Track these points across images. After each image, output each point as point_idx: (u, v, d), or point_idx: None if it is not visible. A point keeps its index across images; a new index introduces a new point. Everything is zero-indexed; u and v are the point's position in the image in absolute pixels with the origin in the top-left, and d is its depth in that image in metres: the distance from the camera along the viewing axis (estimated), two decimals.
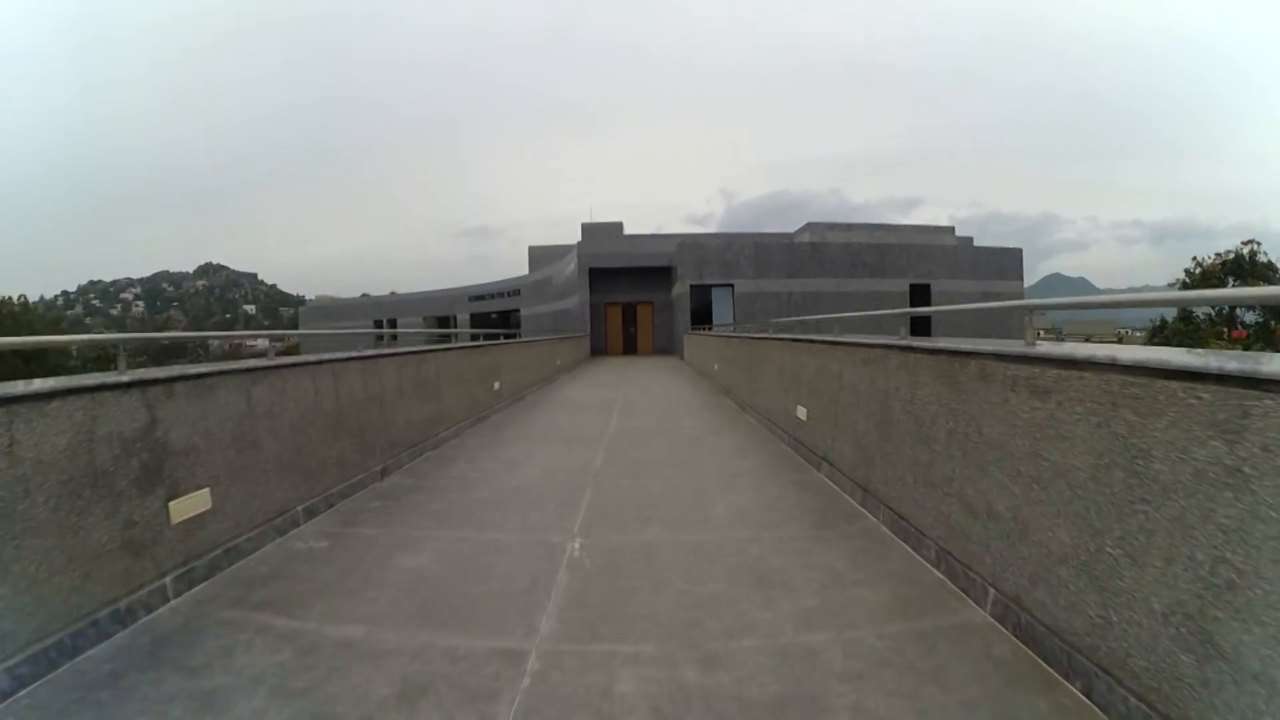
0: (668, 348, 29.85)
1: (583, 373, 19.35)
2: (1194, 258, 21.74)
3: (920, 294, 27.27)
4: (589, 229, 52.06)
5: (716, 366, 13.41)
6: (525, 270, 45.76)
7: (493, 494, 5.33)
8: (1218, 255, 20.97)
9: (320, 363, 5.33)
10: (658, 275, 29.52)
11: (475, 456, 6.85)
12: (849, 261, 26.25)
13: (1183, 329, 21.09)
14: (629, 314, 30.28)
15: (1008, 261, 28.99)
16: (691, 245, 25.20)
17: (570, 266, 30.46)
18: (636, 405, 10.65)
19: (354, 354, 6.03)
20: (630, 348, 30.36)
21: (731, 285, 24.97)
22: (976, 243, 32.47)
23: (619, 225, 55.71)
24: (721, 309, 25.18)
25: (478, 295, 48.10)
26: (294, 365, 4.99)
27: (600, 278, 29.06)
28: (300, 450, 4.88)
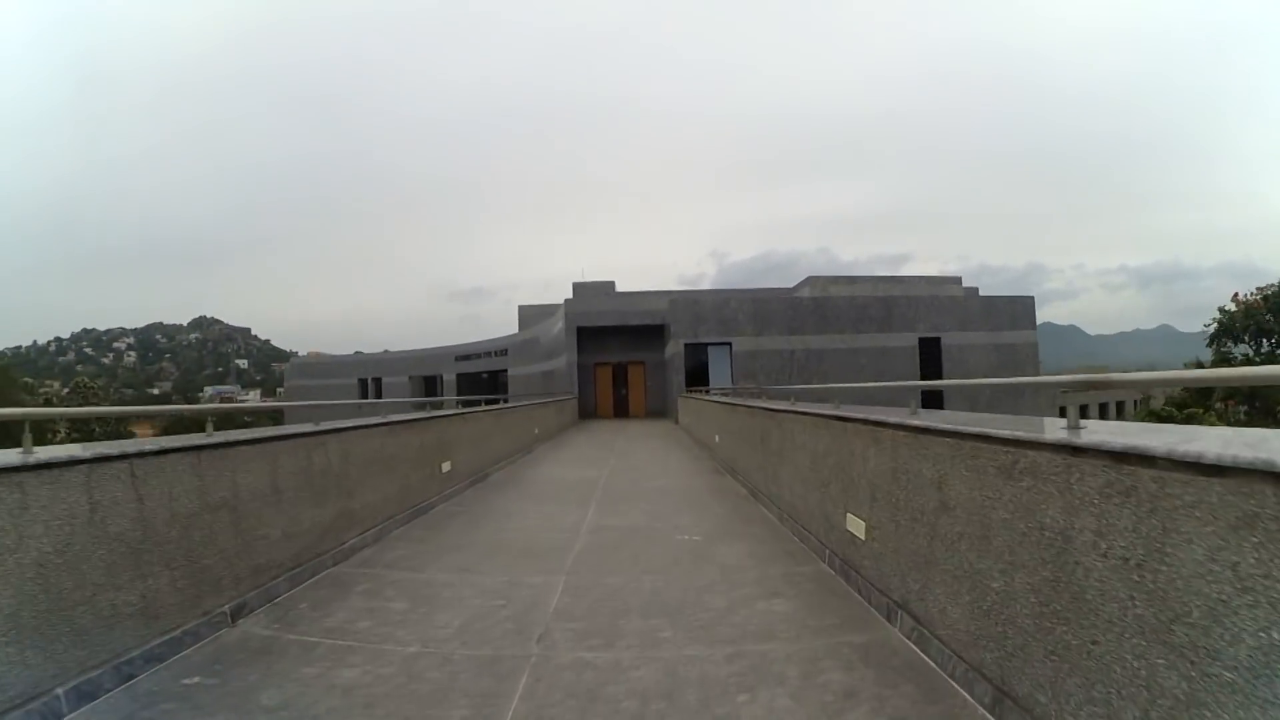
0: (661, 410, 27.83)
1: (567, 441, 17.31)
2: (1234, 295, 20.02)
3: (930, 348, 25.63)
4: (580, 288, 50.79)
5: (718, 438, 11.40)
6: (516, 330, 44.14)
7: (366, 676, 3.24)
8: (1258, 290, 19.31)
9: (107, 459, 3.35)
10: (650, 334, 27.77)
11: (382, 582, 4.78)
12: (854, 316, 24.62)
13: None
14: (620, 374, 28.38)
15: (1019, 310, 27.46)
16: (685, 302, 23.54)
17: (558, 325, 28.72)
18: (622, 490, 8.58)
19: (185, 442, 4.03)
20: (621, 410, 28.32)
21: (729, 344, 23.22)
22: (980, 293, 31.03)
23: (610, 284, 54.54)
24: (719, 369, 23.34)
25: (464, 355, 46.27)
26: (53, 466, 3.05)
27: (589, 337, 27.27)
28: (61, 596, 2.90)
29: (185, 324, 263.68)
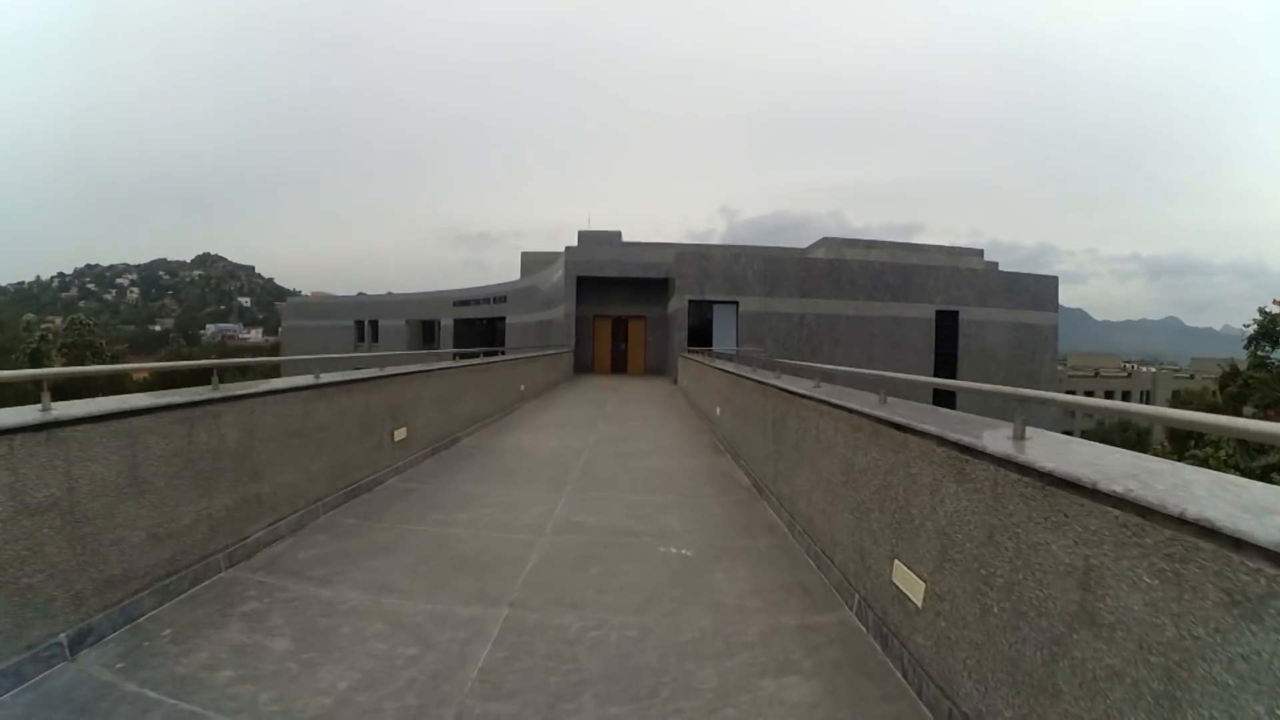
0: (660, 368, 26.67)
1: (556, 399, 16.20)
2: (1275, 300, 18.70)
3: (947, 321, 24.27)
4: (586, 236, 49.17)
5: (719, 411, 10.24)
6: (519, 278, 42.79)
7: None
8: None
9: None
10: (653, 288, 26.39)
11: (275, 600, 3.66)
12: (870, 282, 23.17)
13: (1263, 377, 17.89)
14: (619, 329, 27.10)
15: (1043, 290, 25.96)
16: (693, 256, 22.04)
17: (557, 274, 27.31)
18: (605, 469, 7.44)
19: None
20: (619, 366, 27.14)
21: (736, 303, 21.85)
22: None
23: (617, 234, 52.87)
24: (724, 329, 22.02)
25: (463, 300, 44.95)
26: None
27: (590, 288, 25.88)
28: None
29: (189, 261, 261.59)
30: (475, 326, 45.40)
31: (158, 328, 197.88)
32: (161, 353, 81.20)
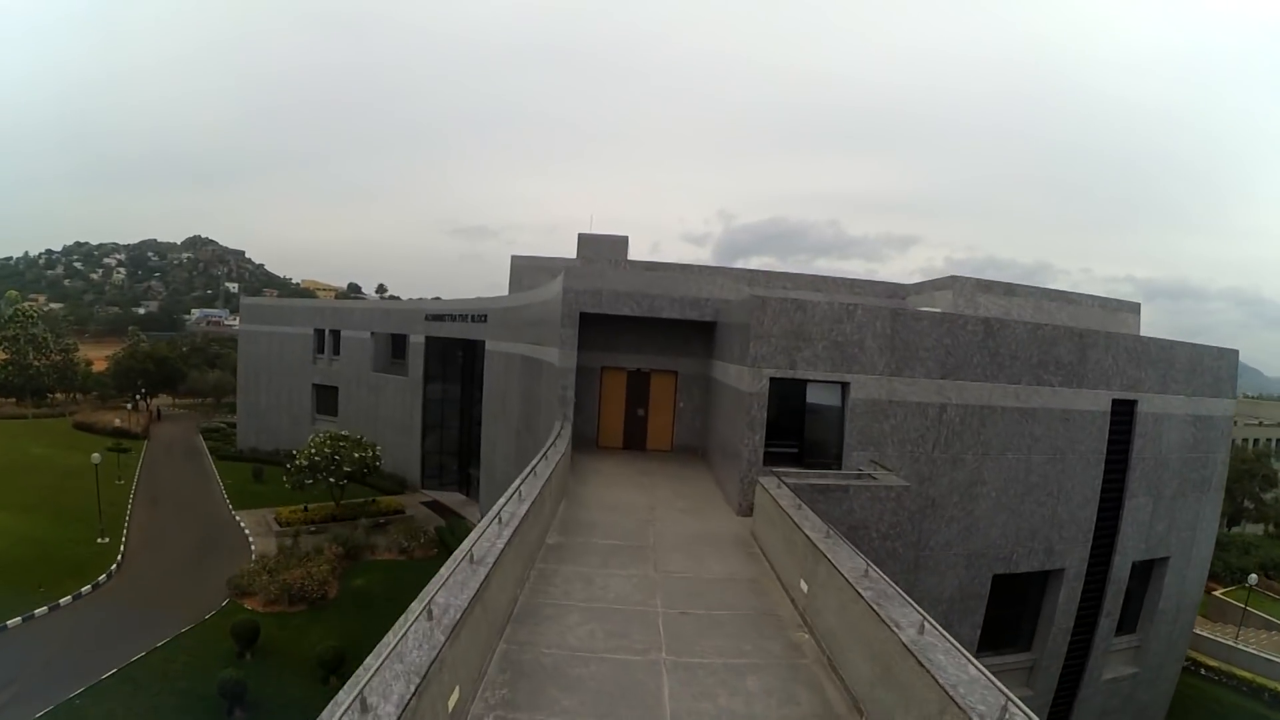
0: (698, 445, 17.90)
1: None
2: None
3: (1123, 416, 15.57)
4: (588, 242, 39.76)
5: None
6: (507, 285, 33.72)
7: None
8: None
9: None
10: (687, 331, 17.56)
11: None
12: (1037, 356, 14.31)
13: None
14: (638, 386, 18.23)
15: (1224, 369, 17.30)
16: (782, 306, 13.00)
17: (550, 300, 18.41)
18: None
19: None
20: (636, 439, 18.27)
21: (846, 384, 13.03)
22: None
23: (624, 240, 43.31)
24: (821, 423, 13.35)
25: (437, 315, 35.92)
26: None
27: (597, 326, 16.97)
28: None
29: (179, 243, 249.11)
30: (450, 349, 36.46)
31: (142, 310, 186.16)
32: (117, 350, 71.07)
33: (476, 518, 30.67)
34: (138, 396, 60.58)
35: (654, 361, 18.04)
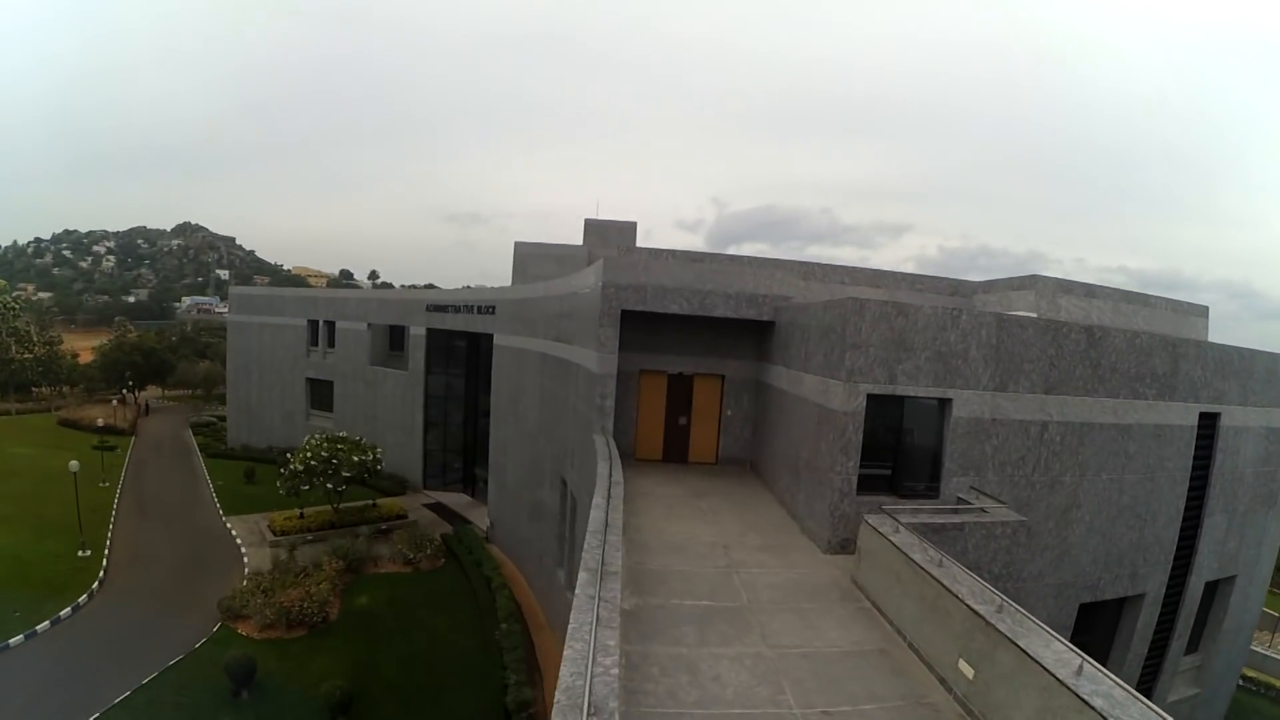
0: (747, 458, 15.88)
1: None
2: None
3: (1206, 431, 14.03)
4: (594, 228, 37.57)
5: None
6: (509, 271, 31.48)
7: None
8: None
9: None
10: (736, 331, 15.46)
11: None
12: (1134, 368, 12.48)
13: None
14: (679, 391, 16.12)
15: None
16: (876, 310, 10.82)
17: (581, 292, 16.22)
18: None
19: None
20: (677, 451, 16.19)
21: (948, 401, 11.04)
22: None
23: (632, 226, 41.13)
24: (915, 444, 11.37)
25: (439, 305, 33.53)
26: None
27: (635, 325, 14.78)
28: None
29: (169, 230, 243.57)
30: (453, 342, 34.15)
31: (131, 299, 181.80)
32: (104, 342, 68.08)
33: (483, 521, 28.60)
34: (125, 390, 57.89)
35: (698, 364, 15.92)
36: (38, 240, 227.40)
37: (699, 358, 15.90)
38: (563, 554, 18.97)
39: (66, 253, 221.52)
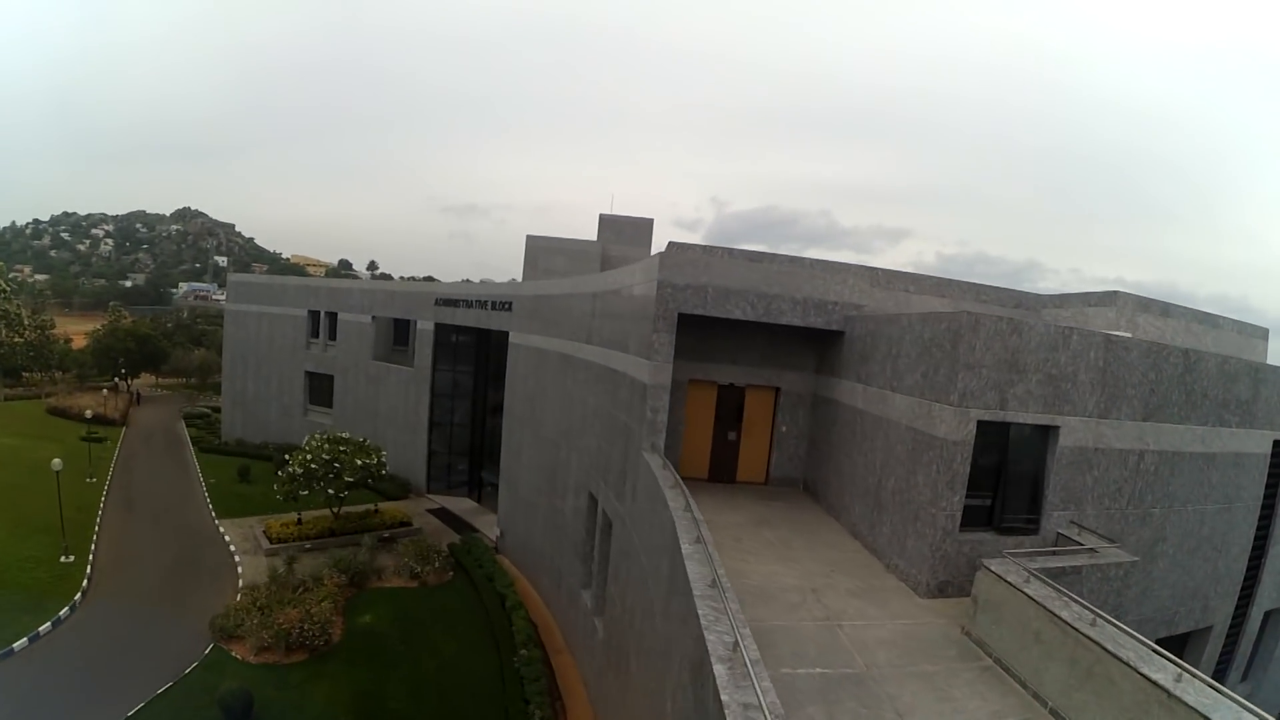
0: (801, 478, 14.28)
1: None
2: None
3: (1277, 459, 13.27)
4: (609, 223, 36.04)
5: None
6: (513, 264, 29.90)
7: None
8: None
9: None
10: (793, 337, 13.83)
11: None
12: (1221, 394, 11.49)
13: None
14: (729, 403, 14.44)
15: None
16: (991, 327, 9.30)
17: (627, 291, 14.50)
18: None
19: None
20: (724, 468, 14.54)
21: (1055, 428, 9.77)
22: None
23: (648, 223, 39.83)
24: (1016, 475, 9.98)
25: (449, 300, 31.73)
26: None
27: (681, 329, 13.03)
28: None
29: (168, 215, 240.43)
30: (462, 340, 32.36)
31: (129, 283, 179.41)
32: (98, 328, 66.05)
33: (491, 529, 26.91)
34: (117, 378, 55.90)
35: (751, 375, 14.27)
36: (36, 222, 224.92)
37: (752, 368, 14.24)
38: (589, 575, 17.33)
39: (65, 235, 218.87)
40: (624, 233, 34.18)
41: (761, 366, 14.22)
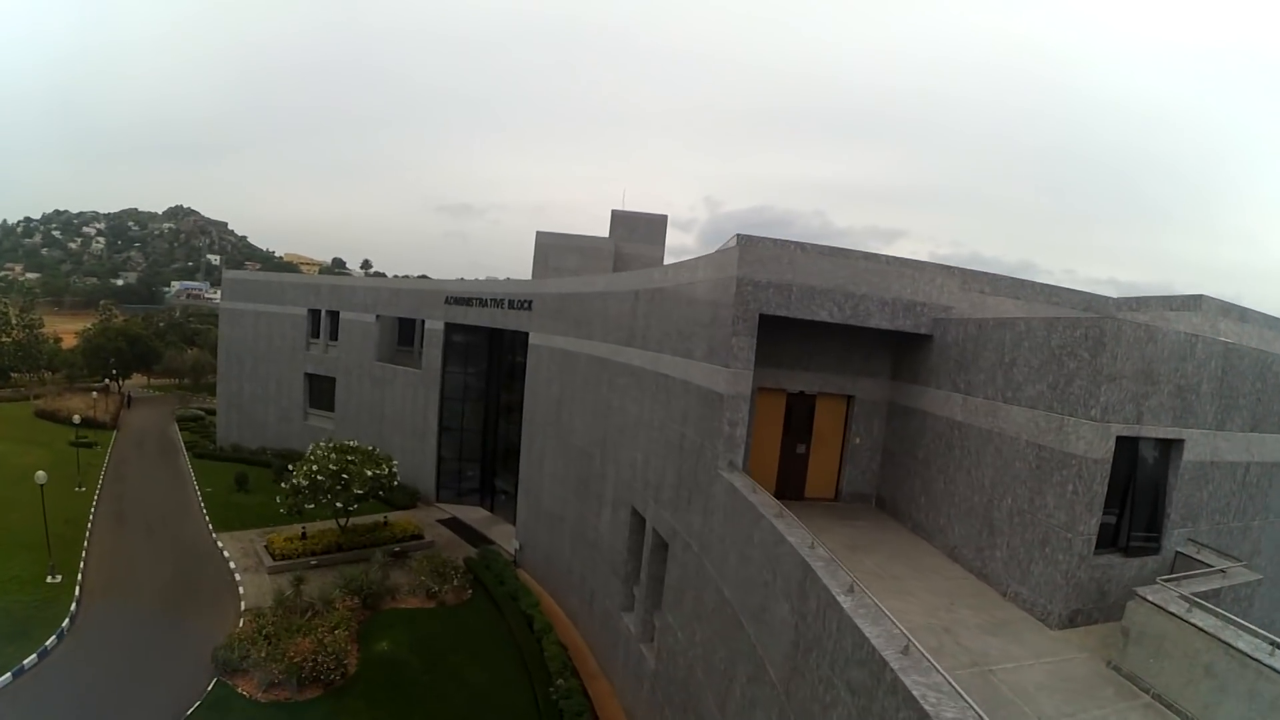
0: (875, 494, 12.80)
1: None
2: None
3: None
4: (622, 220, 34.47)
5: None
6: (509, 263, 28.31)
7: None
8: None
9: None
10: (870, 341, 12.33)
11: None
12: None
13: None
14: (799, 413, 12.91)
15: None
16: (1131, 335, 8.07)
17: (702, 291, 12.89)
18: None
19: None
20: (792, 483, 13.01)
21: (1179, 442, 8.91)
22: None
23: (662, 220, 38.28)
24: (1138, 492, 8.79)
25: (461, 298, 30.03)
26: None
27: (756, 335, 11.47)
28: None
29: (160, 213, 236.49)
30: (476, 340, 30.66)
31: (120, 282, 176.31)
32: (88, 327, 63.75)
33: (508, 541, 25.30)
34: (108, 379, 53.80)
35: (823, 382, 12.73)
36: (27, 220, 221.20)
37: (824, 374, 12.71)
38: (630, 598, 15.79)
39: (56, 233, 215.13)
40: (637, 230, 32.64)
41: (835, 373, 12.69)
